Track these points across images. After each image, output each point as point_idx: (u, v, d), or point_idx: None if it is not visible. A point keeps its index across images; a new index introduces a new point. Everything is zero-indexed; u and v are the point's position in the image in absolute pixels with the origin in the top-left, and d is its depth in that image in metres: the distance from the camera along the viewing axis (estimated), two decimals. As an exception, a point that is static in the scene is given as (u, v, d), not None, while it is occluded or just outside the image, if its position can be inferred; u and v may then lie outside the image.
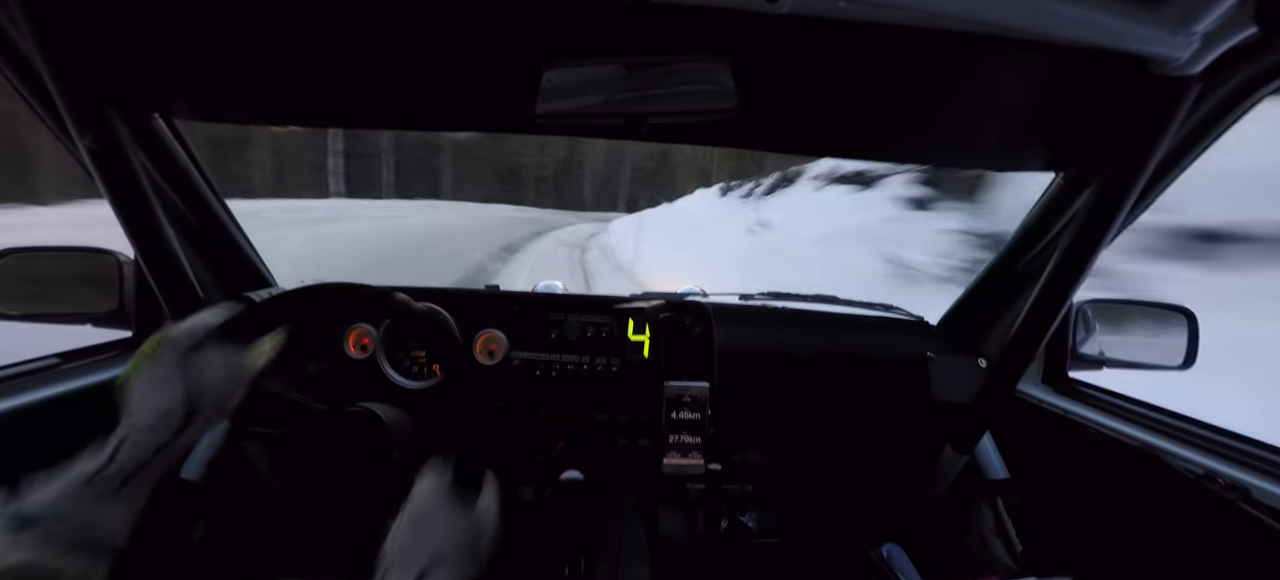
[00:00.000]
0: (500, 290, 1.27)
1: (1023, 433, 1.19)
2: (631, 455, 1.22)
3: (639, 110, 0.74)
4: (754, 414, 1.26)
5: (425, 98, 0.92)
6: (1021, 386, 1.15)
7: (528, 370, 1.15)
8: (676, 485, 1.13)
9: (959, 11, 0.60)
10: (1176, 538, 0.86)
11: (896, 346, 1.25)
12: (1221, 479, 0.79)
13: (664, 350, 1.15)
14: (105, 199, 0.81)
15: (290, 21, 0.76)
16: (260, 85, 0.90)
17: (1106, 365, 1.12)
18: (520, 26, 0.74)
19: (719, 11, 0.67)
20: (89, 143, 0.75)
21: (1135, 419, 0.97)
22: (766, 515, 1.40)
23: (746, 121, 0.76)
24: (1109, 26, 0.61)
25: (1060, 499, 1.10)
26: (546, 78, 0.72)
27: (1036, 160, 1.00)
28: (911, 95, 0.87)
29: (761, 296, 1.38)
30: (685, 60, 0.71)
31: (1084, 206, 0.88)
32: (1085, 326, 1.14)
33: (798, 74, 0.82)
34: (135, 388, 0.58)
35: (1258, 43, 0.62)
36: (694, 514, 1.26)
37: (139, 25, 0.75)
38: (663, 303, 1.18)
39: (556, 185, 38.66)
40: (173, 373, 0.58)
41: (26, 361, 0.91)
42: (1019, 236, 1.12)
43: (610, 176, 37.40)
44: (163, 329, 0.62)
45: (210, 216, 1.07)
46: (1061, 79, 0.80)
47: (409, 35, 0.77)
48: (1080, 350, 1.13)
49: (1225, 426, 0.86)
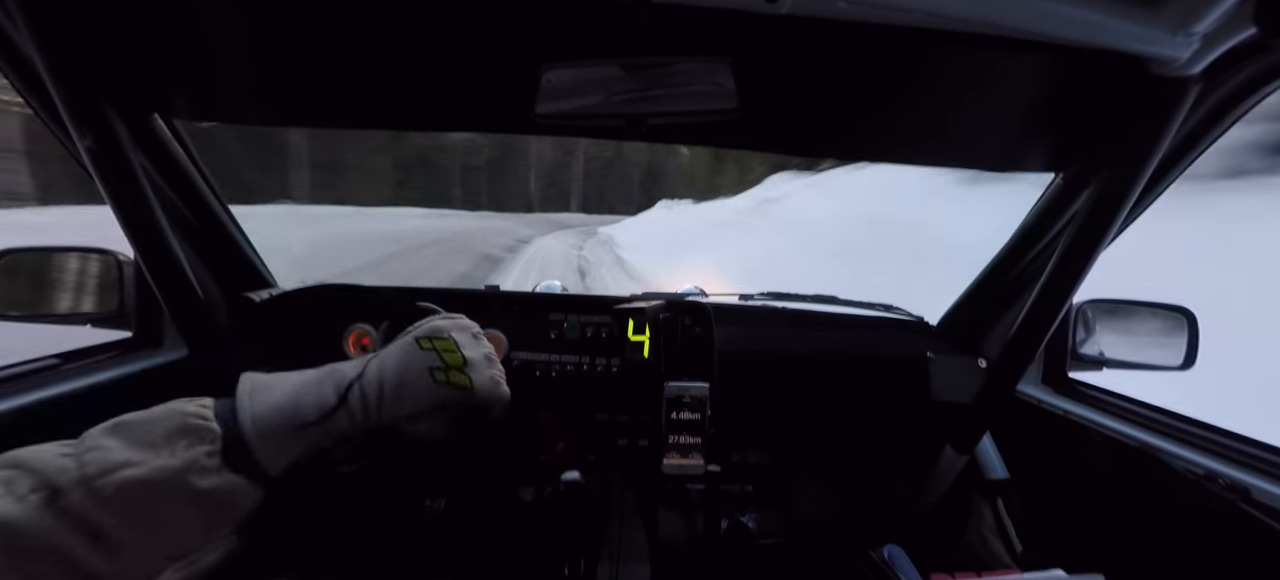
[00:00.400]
0: (500, 290, 1.27)
1: (1023, 433, 1.19)
2: (631, 456, 1.22)
3: (639, 111, 0.74)
4: (754, 414, 1.26)
5: (425, 98, 0.92)
6: (1021, 387, 1.15)
7: (528, 370, 1.15)
8: (676, 486, 1.13)
9: (959, 12, 0.60)
10: (1176, 538, 0.86)
11: (896, 346, 1.25)
12: (1221, 479, 0.79)
13: (664, 350, 1.15)
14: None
15: (290, 22, 0.76)
16: (260, 86, 0.90)
17: (1106, 365, 1.11)
18: (520, 27, 0.74)
19: (719, 12, 0.67)
20: (88, 143, 0.75)
21: (1135, 419, 0.97)
22: (766, 515, 1.40)
23: (746, 122, 0.76)
24: (1109, 27, 0.61)
25: (1060, 499, 1.10)
26: (546, 78, 0.72)
27: (1036, 160, 1.00)
28: (911, 96, 0.87)
29: (761, 297, 1.38)
30: (685, 61, 0.71)
31: (1084, 206, 0.88)
32: (1085, 327, 1.14)
33: (798, 74, 0.82)
34: (400, 360, 0.56)
35: (1258, 43, 0.62)
36: (694, 514, 1.26)
37: (138, 25, 0.75)
38: (663, 303, 1.18)
39: (490, 179, 31.14)
40: (430, 392, 0.56)
41: (26, 361, 0.90)
42: (1019, 236, 1.12)
43: (560, 168, 31.99)
44: (456, 340, 0.59)
45: (210, 216, 1.07)
46: (1061, 79, 0.80)
47: (409, 35, 0.77)
48: (1080, 350, 1.13)
49: (1225, 426, 0.86)
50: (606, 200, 36.37)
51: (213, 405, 0.48)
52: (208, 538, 0.46)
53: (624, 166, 30.35)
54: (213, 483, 0.44)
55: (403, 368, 0.56)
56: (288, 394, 0.50)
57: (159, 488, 0.41)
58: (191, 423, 0.45)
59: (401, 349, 0.57)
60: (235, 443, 0.46)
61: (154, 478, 0.41)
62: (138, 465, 0.41)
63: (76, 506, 0.39)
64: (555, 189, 32.73)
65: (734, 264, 8.13)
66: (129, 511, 0.40)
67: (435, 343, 0.58)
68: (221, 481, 0.44)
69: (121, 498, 0.40)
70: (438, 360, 0.57)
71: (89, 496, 0.40)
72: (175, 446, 0.43)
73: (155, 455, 0.42)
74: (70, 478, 0.40)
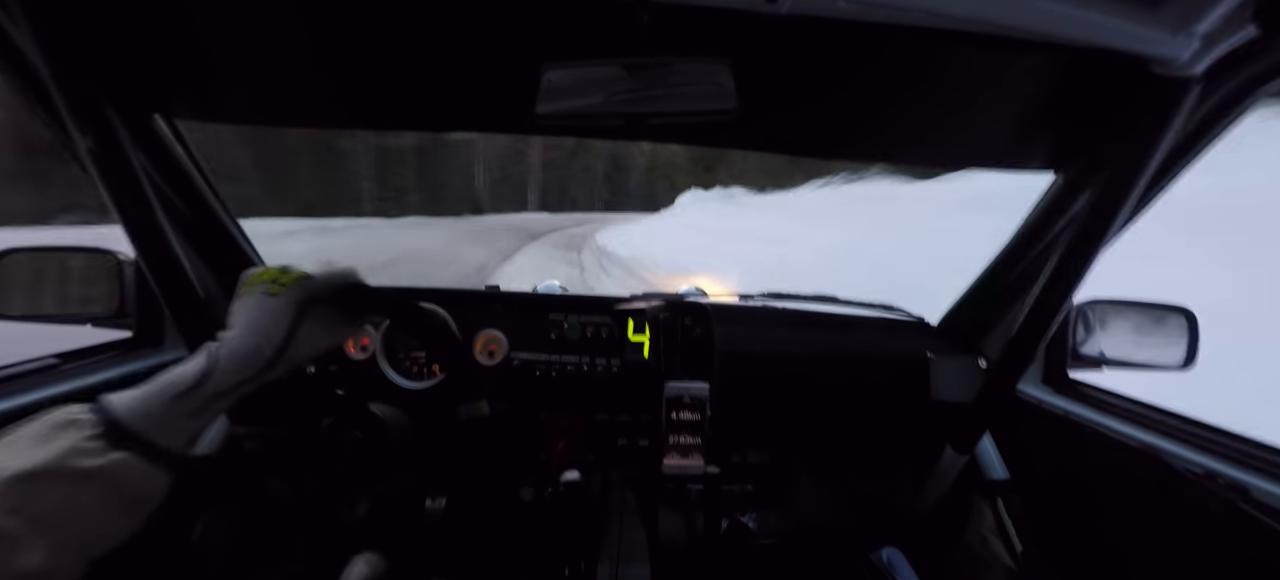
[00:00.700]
0: (500, 290, 1.28)
1: (1023, 433, 1.19)
2: (631, 456, 1.22)
3: (639, 111, 0.74)
4: (754, 414, 1.26)
5: (425, 98, 0.92)
6: (1021, 386, 1.15)
7: (528, 370, 1.15)
8: (676, 486, 1.13)
9: (959, 12, 0.60)
10: (1176, 538, 0.86)
11: (896, 346, 1.25)
12: (1221, 479, 0.79)
13: (664, 351, 1.15)
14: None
15: (290, 22, 0.76)
16: (260, 86, 0.90)
17: (1107, 365, 1.11)
18: (520, 27, 0.74)
19: (719, 12, 0.67)
20: (89, 144, 0.75)
21: (1135, 419, 0.97)
22: (766, 516, 1.40)
23: (746, 122, 0.76)
24: (1109, 27, 0.61)
25: (1060, 499, 1.09)
26: (546, 78, 0.72)
27: (1036, 160, 1.00)
28: (911, 95, 0.87)
29: (761, 297, 1.38)
30: (685, 61, 0.71)
31: (1084, 206, 0.88)
32: (1085, 326, 1.14)
33: (797, 74, 0.82)
34: (242, 312, 0.58)
35: (1258, 43, 0.62)
36: (694, 514, 1.27)
37: (139, 26, 0.76)
38: (663, 303, 1.18)
39: (422, 171, 19.51)
40: (284, 312, 0.58)
41: (26, 361, 0.91)
42: (1019, 236, 1.12)
43: (512, 159, 23.29)
44: (288, 267, 0.62)
45: (210, 216, 1.07)
46: (1062, 79, 0.80)
47: (409, 35, 0.77)
48: (1080, 350, 1.13)
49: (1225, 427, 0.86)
50: (569, 195, 32.84)
51: (87, 405, 0.50)
52: (120, 522, 0.47)
53: (587, 158, 25.45)
54: (97, 462, 0.45)
55: (244, 312, 0.58)
56: (158, 379, 0.53)
57: (42, 479, 0.43)
58: (66, 417, 0.47)
59: (239, 305, 0.60)
60: (110, 423, 0.48)
61: (35, 469, 0.43)
62: (16, 463, 0.43)
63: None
64: (508, 183, 24.95)
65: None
66: (18, 509, 0.42)
67: (253, 279, 0.61)
68: (106, 461, 0.46)
69: (13, 497, 0.42)
70: (266, 284, 0.60)
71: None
72: (53, 440, 0.45)
73: (34, 451, 0.44)
74: None
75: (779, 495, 1.40)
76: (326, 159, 19.33)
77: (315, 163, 18.30)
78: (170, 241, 0.87)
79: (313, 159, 18.30)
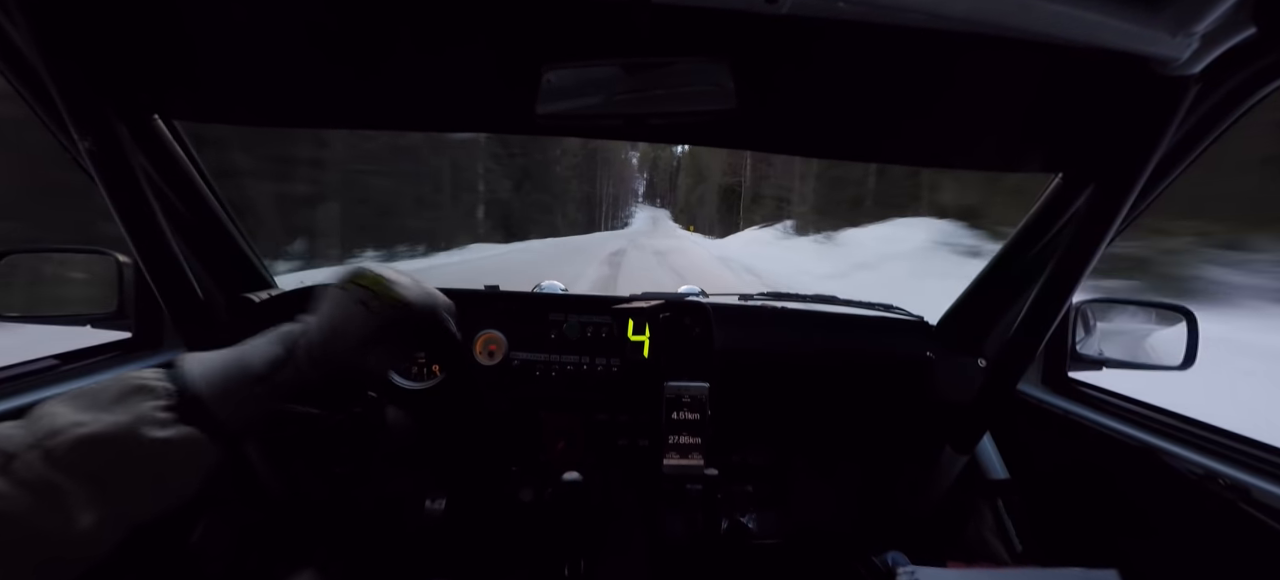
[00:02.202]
0: (500, 290, 1.27)
1: (1023, 433, 1.19)
2: (631, 456, 1.22)
3: (639, 111, 0.74)
4: (754, 414, 1.26)
5: (425, 98, 0.92)
6: (1021, 387, 1.15)
7: (527, 370, 1.15)
8: (676, 486, 1.13)
9: (959, 12, 0.60)
10: (1176, 538, 0.86)
11: (896, 346, 1.25)
12: (1221, 479, 0.79)
13: (664, 350, 1.15)
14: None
15: (290, 22, 0.76)
16: (260, 86, 0.90)
17: (1106, 365, 1.11)
18: (520, 27, 0.74)
19: (719, 12, 0.67)
20: (89, 144, 0.75)
21: (1135, 419, 0.97)
22: (767, 516, 1.40)
23: (746, 122, 0.76)
24: (1108, 27, 0.61)
25: (1060, 499, 1.09)
26: (547, 78, 0.72)
27: (1036, 160, 1.00)
28: (911, 96, 0.87)
29: (761, 297, 1.38)
30: (685, 61, 0.71)
31: (1084, 206, 0.88)
32: (1085, 326, 1.14)
33: (797, 74, 0.82)
34: (332, 308, 0.57)
35: (1257, 43, 0.62)
36: (694, 515, 1.26)
37: (139, 26, 0.75)
38: (662, 303, 1.18)
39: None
40: (369, 331, 0.57)
41: (26, 362, 0.91)
42: (1019, 236, 1.12)
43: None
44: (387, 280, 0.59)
45: (210, 217, 1.07)
46: (1061, 79, 0.80)
47: (409, 35, 0.77)
48: (1080, 350, 1.13)
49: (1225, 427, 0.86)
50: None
51: (163, 371, 0.49)
52: (170, 493, 0.47)
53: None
54: (167, 434, 0.45)
55: (335, 310, 0.57)
56: (234, 354, 0.52)
57: (112, 444, 0.42)
58: (142, 382, 0.46)
59: (331, 297, 0.58)
60: (187, 395, 0.47)
61: (106, 433, 0.42)
62: (88, 424, 0.42)
63: (29, 469, 0.40)
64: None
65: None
66: (83, 469, 0.41)
67: (359, 280, 0.59)
68: (175, 433, 0.45)
69: (75, 457, 0.41)
70: (366, 294, 0.58)
71: (42, 458, 0.40)
72: (126, 404, 0.44)
73: (106, 413, 0.43)
74: (21, 443, 0.41)
75: (779, 495, 1.40)
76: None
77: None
78: (170, 242, 0.87)
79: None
